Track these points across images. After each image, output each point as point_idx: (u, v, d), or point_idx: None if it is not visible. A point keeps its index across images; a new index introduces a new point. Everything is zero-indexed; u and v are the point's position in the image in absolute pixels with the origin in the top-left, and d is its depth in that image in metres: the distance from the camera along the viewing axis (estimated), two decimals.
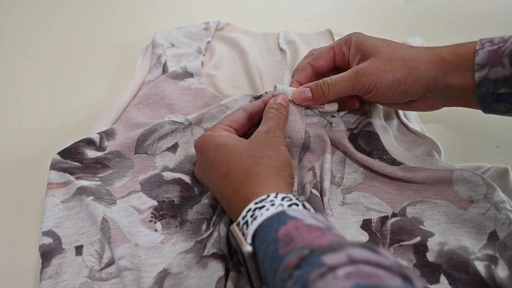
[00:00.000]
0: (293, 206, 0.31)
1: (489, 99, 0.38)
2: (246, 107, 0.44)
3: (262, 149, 0.37)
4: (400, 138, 0.48)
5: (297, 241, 0.27)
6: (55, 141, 0.49)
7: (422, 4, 0.76)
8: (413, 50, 0.41)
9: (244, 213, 0.32)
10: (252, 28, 0.66)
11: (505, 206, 0.37)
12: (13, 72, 0.61)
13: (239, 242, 0.31)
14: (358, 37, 0.44)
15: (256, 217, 0.31)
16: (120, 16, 0.73)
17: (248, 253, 0.31)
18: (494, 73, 0.37)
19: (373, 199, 0.43)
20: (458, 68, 0.39)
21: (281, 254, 0.27)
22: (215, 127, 0.40)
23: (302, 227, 0.28)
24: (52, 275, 0.37)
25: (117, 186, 0.44)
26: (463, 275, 0.36)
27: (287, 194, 0.32)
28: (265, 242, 0.29)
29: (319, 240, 0.26)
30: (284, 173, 0.36)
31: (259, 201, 0.32)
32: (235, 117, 0.42)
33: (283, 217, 0.30)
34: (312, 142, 0.44)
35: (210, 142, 0.38)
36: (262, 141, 0.38)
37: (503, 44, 0.37)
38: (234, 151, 0.37)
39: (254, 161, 0.35)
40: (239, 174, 0.35)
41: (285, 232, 0.28)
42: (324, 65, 0.46)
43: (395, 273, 0.23)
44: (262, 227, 0.30)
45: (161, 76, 0.55)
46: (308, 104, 0.45)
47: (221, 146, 0.37)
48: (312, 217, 0.30)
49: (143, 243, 0.39)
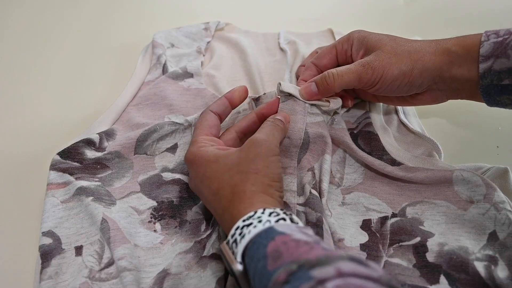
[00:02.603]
0: (280, 221, 0.31)
1: (493, 91, 0.38)
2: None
3: (249, 161, 0.35)
4: (400, 139, 0.48)
5: (285, 256, 0.27)
6: (55, 141, 0.49)
7: (422, 4, 0.76)
8: (417, 42, 0.42)
9: (233, 232, 0.32)
10: (252, 28, 0.66)
11: (505, 207, 0.37)
12: (13, 72, 0.61)
13: (230, 261, 0.31)
14: (360, 33, 0.44)
15: (244, 235, 0.31)
16: (120, 16, 0.73)
17: (238, 271, 0.31)
18: (499, 64, 0.37)
19: (373, 199, 0.43)
20: (463, 59, 0.39)
21: (270, 270, 0.27)
22: (200, 139, 0.39)
23: (290, 242, 0.28)
24: (52, 276, 0.37)
25: (116, 187, 0.44)
26: (463, 276, 0.36)
27: (274, 209, 0.32)
28: (255, 258, 0.29)
29: (307, 255, 0.26)
30: (271, 189, 0.35)
31: (246, 218, 0.32)
32: (212, 123, 0.42)
33: (271, 233, 0.29)
34: (311, 142, 0.44)
35: (200, 159, 0.37)
36: (252, 149, 0.36)
37: (509, 36, 0.37)
38: (223, 167, 0.36)
39: (240, 178, 0.35)
40: (227, 191, 0.35)
41: (273, 247, 0.28)
42: (328, 63, 0.46)
43: (384, 285, 0.23)
44: (251, 244, 0.30)
45: (161, 76, 0.55)
46: (316, 98, 0.44)
47: (210, 162, 0.37)
48: (301, 231, 0.30)
49: (143, 244, 0.39)
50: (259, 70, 0.57)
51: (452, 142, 0.50)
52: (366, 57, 0.42)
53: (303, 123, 0.44)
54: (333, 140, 0.45)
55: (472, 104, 0.43)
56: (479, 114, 0.52)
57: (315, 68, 0.47)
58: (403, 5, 0.76)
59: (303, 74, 0.47)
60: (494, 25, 0.40)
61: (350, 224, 0.41)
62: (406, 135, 0.48)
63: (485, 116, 0.52)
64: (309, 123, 0.44)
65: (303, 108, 0.44)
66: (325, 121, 0.45)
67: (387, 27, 0.68)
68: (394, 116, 0.50)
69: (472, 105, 0.44)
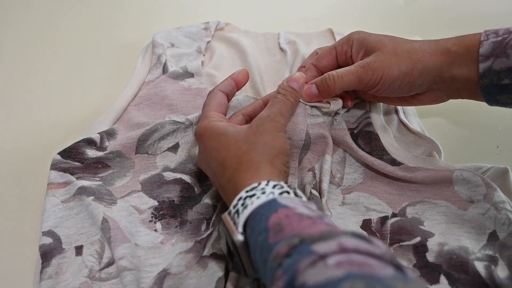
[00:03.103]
0: (284, 194, 0.31)
1: (493, 90, 0.38)
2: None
3: (258, 135, 0.36)
4: (400, 138, 0.48)
5: (287, 230, 0.27)
6: (56, 141, 0.49)
7: (422, 4, 0.76)
8: (417, 43, 0.42)
9: (235, 202, 0.32)
10: (252, 28, 0.66)
11: (505, 207, 0.37)
12: (13, 72, 0.61)
13: (230, 231, 0.31)
14: (360, 34, 0.44)
15: (247, 206, 0.31)
16: (120, 16, 0.72)
17: (239, 242, 0.31)
18: (498, 64, 0.37)
19: (373, 199, 0.43)
20: (463, 59, 0.39)
21: (271, 243, 0.27)
22: (210, 114, 0.40)
23: (293, 215, 0.28)
24: (52, 275, 0.37)
25: (117, 186, 0.44)
26: (463, 276, 0.36)
27: (278, 182, 0.32)
28: (256, 230, 0.29)
29: (309, 229, 0.26)
30: (277, 160, 0.35)
31: (250, 189, 0.32)
32: (222, 101, 0.42)
33: (274, 205, 0.29)
34: (312, 143, 0.44)
35: (210, 132, 0.38)
36: (261, 125, 0.37)
37: (508, 36, 0.37)
38: (232, 140, 0.36)
39: (247, 148, 0.35)
40: (234, 161, 0.35)
41: (275, 220, 0.28)
42: (328, 64, 0.46)
43: (387, 262, 0.23)
44: (253, 216, 0.30)
45: (161, 76, 0.55)
46: (316, 100, 0.44)
47: (219, 135, 0.37)
48: (304, 206, 0.30)
49: (143, 243, 0.39)
50: (259, 70, 0.57)
51: (452, 142, 0.50)
52: (366, 59, 0.42)
53: (304, 124, 0.44)
54: (333, 140, 0.45)
55: (472, 104, 0.43)
56: (479, 114, 0.52)
57: (315, 70, 0.47)
58: (403, 5, 0.76)
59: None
60: (493, 25, 0.40)
61: (350, 224, 0.41)
62: (406, 135, 0.48)
63: (485, 116, 0.52)
64: (310, 124, 0.44)
65: (303, 110, 0.44)
66: (326, 122, 0.46)
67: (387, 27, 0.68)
68: (394, 116, 0.50)
69: (472, 105, 0.44)
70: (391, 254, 0.24)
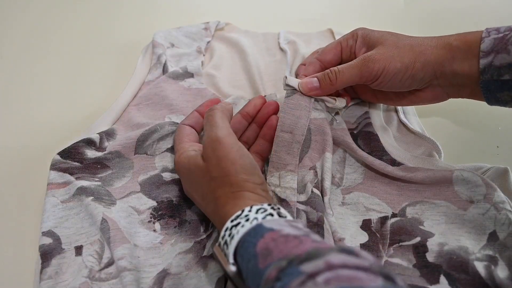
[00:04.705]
0: (268, 217, 0.31)
1: (493, 87, 0.39)
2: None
3: (216, 167, 0.35)
4: (400, 139, 0.48)
5: (275, 253, 0.27)
6: (55, 141, 0.49)
7: (422, 4, 0.76)
8: (419, 37, 0.42)
9: (223, 233, 0.32)
10: (252, 28, 0.66)
11: (505, 207, 0.37)
12: (13, 72, 0.61)
13: (223, 263, 0.31)
14: (364, 30, 0.45)
15: (233, 236, 0.31)
16: (120, 16, 0.72)
17: (232, 273, 0.31)
18: (499, 59, 0.37)
19: (373, 199, 0.43)
20: (464, 54, 0.39)
21: (261, 268, 0.27)
22: (180, 147, 0.40)
23: (279, 238, 0.28)
24: (52, 275, 0.37)
25: (116, 187, 0.44)
26: (463, 276, 0.36)
27: (261, 205, 0.32)
28: (245, 258, 0.29)
29: (296, 250, 0.26)
30: (248, 184, 0.34)
31: (234, 218, 0.32)
32: (188, 131, 0.43)
33: (259, 230, 0.29)
34: (313, 140, 0.44)
35: (182, 167, 0.38)
36: (211, 154, 0.36)
37: (509, 33, 0.38)
38: (198, 177, 0.36)
39: (215, 184, 0.35)
40: (210, 197, 0.35)
41: (262, 245, 0.28)
42: (332, 59, 0.46)
43: (376, 273, 0.23)
44: (241, 244, 0.30)
45: (161, 76, 0.55)
46: (315, 94, 0.44)
47: (189, 171, 0.37)
48: (289, 225, 0.30)
49: (143, 244, 0.39)
50: (259, 70, 0.57)
51: (452, 142, 0.50)
52: (368, 52, 0.42)
53: (307, 119, 0.43)
54: (333, 140, 0.45)
55: (472, 103, 0.43)
56: (479, 114, 0.52)
57: (319, 64, 0.47)
58: (403, 5, 0.76)
59: (306, 69, 0.47)
60: (494, 25, 0.40)
61: (350, 224, 0.41)
62: (406, 135, 0.48)
63: (485, 116, 0.52)
64: (312, 119, 0.44)
65: (308, 104, 0.44)
66: (327, 119, 0.45)
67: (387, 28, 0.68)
68: (394, 116, 0.50)
69: (472, 104, 0.44)
70: (379, 265, 0.24)
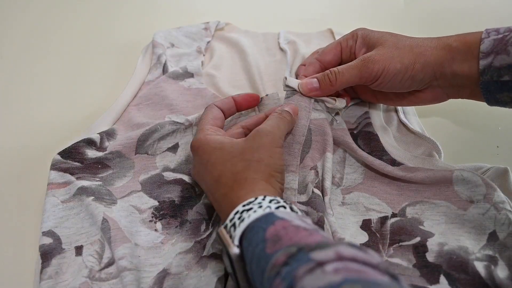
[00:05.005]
0: (280, 208, 0.31)
1: (493, 87, 0.39)
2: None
3: (253, 151, 0.36)
4: (400, 139, 0.48)
5: (284, 240, 0.27)
6: (56, 141, 0.49)
7: (422, 4, 0.76)
8: (419, 38, 0.42)
9: (232, 216, 0.32)
10: (252, 28, 0.66)
11: (504, 207, 0.37)
12: (13, 72, 0.61)
13: (227, 244, 0.31)
14: (364, 31, 0.45)
15: (244, 219, 0.31)
16: (120, 16, 0.72)
17: (235, 255, 0.30)
18: (499, 60, 0.37)
19: (373, 199, 0.43)
20: (464, 55, 0.39)
21: (268, 253, 0.27)
22: (207, 128, 0.40)
23: (290, 227, 0.28)
24: (52, 275, 0.37)
25: (117, 186, 0.44)
26: (463, 276, 0.36)
27: (275, 197, 0.32)
28: (253, 242, 0.29)
29: (306, 239, 0.27)
30: (273, 179, 0.36)
31: (246, 204, 0.32)
32: (218, 115, 0.43)
33: (271, 218, 0.30)
34: (313, 141, 0.44)
35: (206, 145, 0.38)
36: (258, 138, 0.37)
37: (509, 33, 0.38)
38: (227, 155, 0.37)
39: (243, 165, 0.35)
40: (229, 178, 0.35)
41: (273, 231, 0.28)
42: (332, 59, 0.46)
43: (382, 271, 0.23)
44: (249, 229, 0.30)
45: (161, 76, 0.55)
46: (315, 95, 0.45)
47: (215, 149, 0.37)
48: (300, 219, 0.30)
49: (143, 243, 0.39)
50: (259, 70, 0.57)
51: (452, 142, 0.50)
52: (368, 53, 0.42)
53: (307, 120, 0.44)
54: (333, 140, 0.45)
55: (472, 104, 0.43)
56: (479, 114, 0.52)
57: (319, 65, 0.47)
58: (403, 5, 0.76)
59: (305, 70, 0.47)
60: (494, 26, 0.40)
61: (350, 224, 0.41)
62: (406, 135, 0.48)
63: (485, 116, 0.52)
64: (312, 119, 0.44)
65: (308, 104, 0.44)
66: (327, 119, 0.46)
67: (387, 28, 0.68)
68: (394, 116, 0.50)
69: (472, 105, 0.44)
70: (386, 264, 0.24)
